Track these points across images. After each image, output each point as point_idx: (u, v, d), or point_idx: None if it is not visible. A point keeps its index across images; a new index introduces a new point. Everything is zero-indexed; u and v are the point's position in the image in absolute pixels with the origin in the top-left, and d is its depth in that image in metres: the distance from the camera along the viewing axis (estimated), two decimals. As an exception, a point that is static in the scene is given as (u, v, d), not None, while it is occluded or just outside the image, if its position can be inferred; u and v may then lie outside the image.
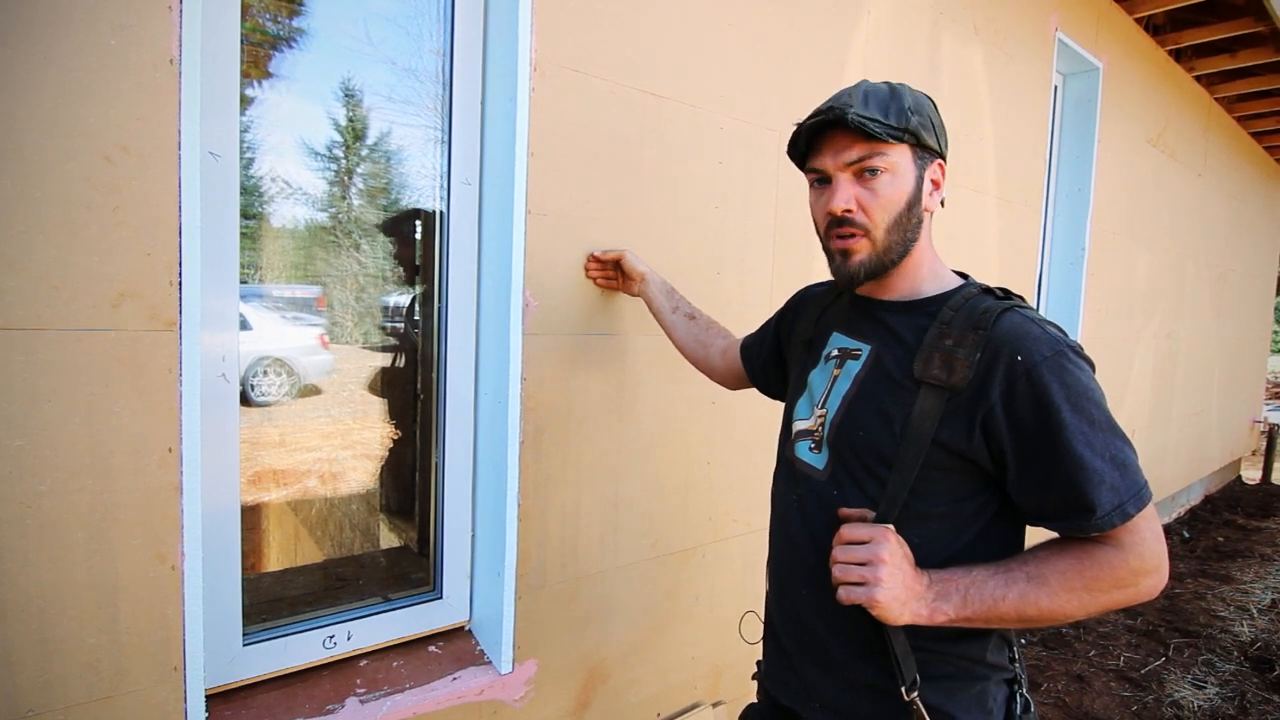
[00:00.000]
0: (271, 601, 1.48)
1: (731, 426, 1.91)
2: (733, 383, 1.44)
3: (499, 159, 1.48)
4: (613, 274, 1.57)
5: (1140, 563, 0.81)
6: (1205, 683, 2.85)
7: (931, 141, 0.95)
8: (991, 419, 0.84)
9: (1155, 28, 3.84)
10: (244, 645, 1.31)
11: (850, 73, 2.09)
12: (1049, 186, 3.45)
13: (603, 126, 1.55)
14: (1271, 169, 6.38)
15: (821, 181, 0.98)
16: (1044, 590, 0.82)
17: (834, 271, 1.00)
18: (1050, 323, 0.88)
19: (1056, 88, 3.40)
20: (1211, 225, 5.08)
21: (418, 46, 1.51)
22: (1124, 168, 3.71)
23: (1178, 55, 4.13)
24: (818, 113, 0.93)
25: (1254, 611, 3.56)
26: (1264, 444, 6.82)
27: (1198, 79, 4.43)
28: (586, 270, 1.55)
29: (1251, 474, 6.96)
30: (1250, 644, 3.19)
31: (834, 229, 0.96)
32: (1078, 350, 0.85)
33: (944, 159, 0.98)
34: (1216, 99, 4.75)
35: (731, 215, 1.83)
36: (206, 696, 1.18)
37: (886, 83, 0.96)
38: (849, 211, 0.93)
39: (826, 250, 1.00)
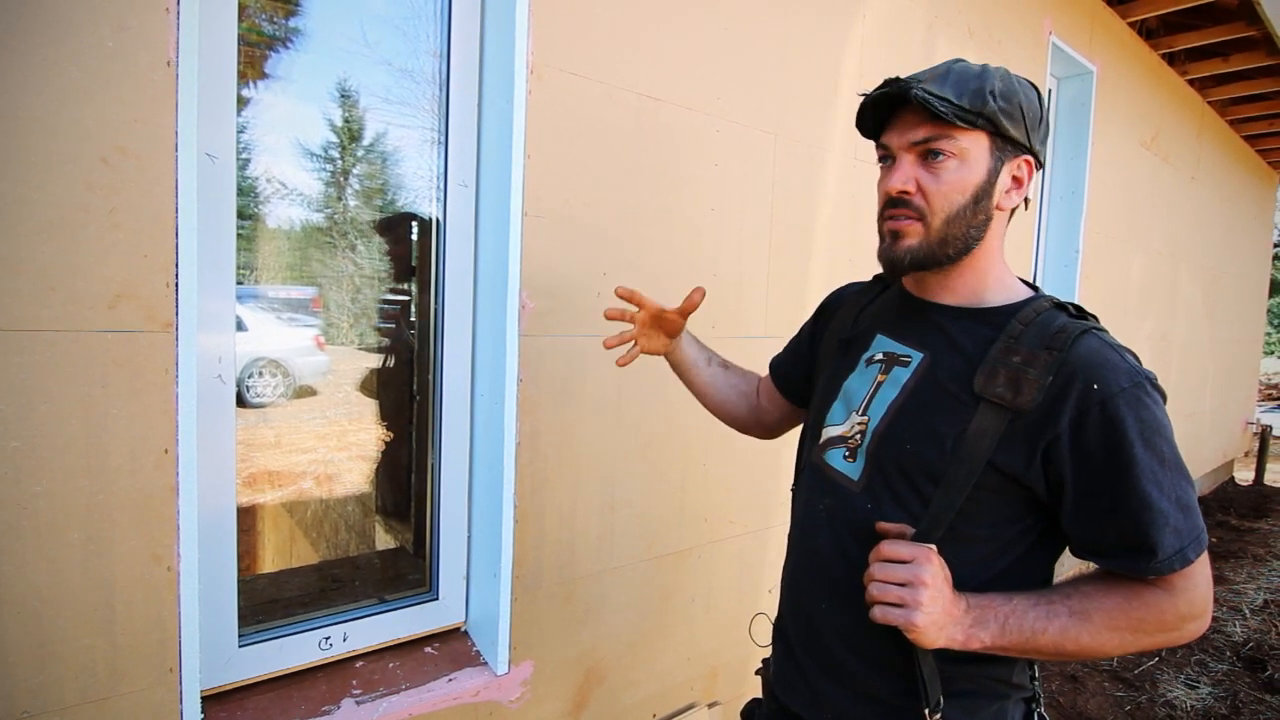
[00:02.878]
0: (267, 603, 1.48)
1: (728, 428, 1.91)
2: (785, 425, 1.29)
3: (496, 161, 1.49)
4: (632, 333, 1.23)
5: (1190, 608, 0.79)
6: (1198, 683, 2.87)
7: (1017, 133, 0.86)
8: (1056, 446, 0.79)
9: (1148, 31, 3.87)
10: (240, 646, 1.31)
11: (845, 76, 2.10)
12: (1043, 189, 3.47)
13: (599, 129, 1.55)
14: (1264, 172, 6.42)
15: (886, 160, 0.92)
16: (1087, 627, 0.79)
17: (880, 255, 0.93)
18: (1128, 350, 0.84)
19: (1050, 91, 3.42)
20: (1205, 228, 5.11)
21: (414, 48, 1.51)
22: (1118, 171, 3.73)
23: (1171, 59, 4.16)
24: (885, 84, 0.87)
25: (1246, 612, 3.58)
26: (1257, 445, 6.85)
27: (1191, 83, 4.46)
28: (607, 313, 1.21)
29: (1244, 475, 6.99)
30: (1243, 644, 3.21)
31: (888, 209, 0.90)
32: (1154, 382, 0.81)
33: (1034, 156, 0.90)
34: (1209, 102, 4.78)
35: (728, 218, 1.84)
36: (202, 698, 1.18)
37: (982, 64, 0.89)
38: (905, 193, 0.87)
39: (880, 233, 0.94)
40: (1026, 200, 0.92)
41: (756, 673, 1.17)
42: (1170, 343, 4.75)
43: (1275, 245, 11.13)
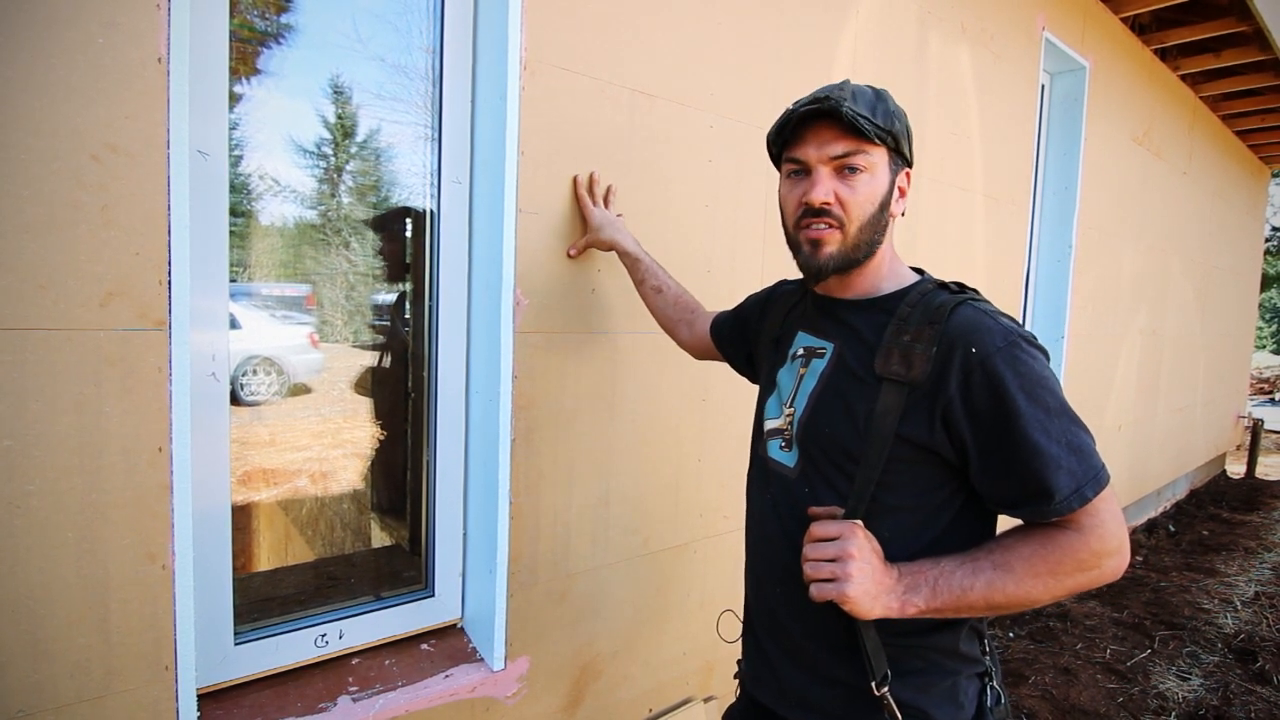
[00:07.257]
0: (263, 601, 1.48)
1: (722, 423, 1.92)
2: (699, 355, 1.47)
3: (489, 157, 1.48)
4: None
5: (1101, 545, 0.83)
6: (1190, 674, 2.89)
7: (906, 149, 0.98)
8: (950, 411, 0.86)
9: (1141, 27, 3.88)
10: (235, 644, 1.31)
11: (839, 72, 2.10)
12: (1036, 184, 3.48)
13: (593, 125, 1.55)
14: (1254, 167, 6.45)
15: (798, 173, 0.98)
16: (1010, 577, 0.83)
17: (802, 263, 1.00)
18: (1003, 314, 0.91)
19: (1043, 86, 3.43)
20: (1196, 222, 5.13)
21: (407, 43, 1.51)
22: (1110, 166, 3.74)
23: (1163, 55, 4.17)
24: (811, 100, 0.93)
25: (1237, 604, 3.61)
26: (1248, 439, 6.90)
27: (1183, 78, 4.47)
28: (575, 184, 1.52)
29: (1236, 468, 7.04)
30: (1234, 636, 3.23)
31: (806, 219, 0.96)
32: (1030, 340, 0.87)
33: (911, 169, 1.01)
34: (1201, 98, 4.80)
35: (721, 213, 1.84)
36: (198, 696, 1.18)
37: (870, 86, 0.98)
38: (827, 204, 0.93)
39: (793, 242, 1.00)
40: (903, 210, 1.01)
41: (735, 676, 1.18)
42: (1162, 337, 4.77)
43: (1267, 240, 11.20)
